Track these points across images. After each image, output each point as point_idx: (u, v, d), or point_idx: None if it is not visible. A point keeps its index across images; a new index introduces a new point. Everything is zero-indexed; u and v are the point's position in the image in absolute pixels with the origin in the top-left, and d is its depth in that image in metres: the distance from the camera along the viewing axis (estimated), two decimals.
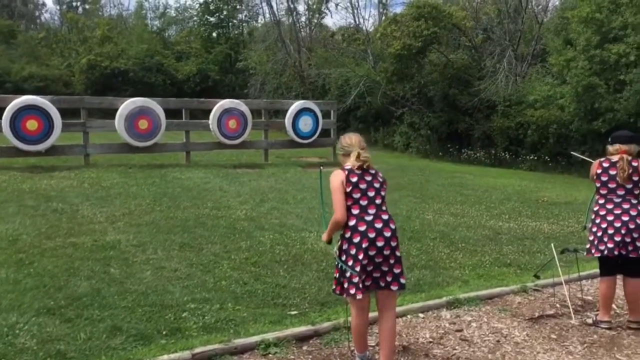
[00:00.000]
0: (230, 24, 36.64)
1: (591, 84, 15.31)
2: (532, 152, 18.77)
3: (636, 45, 14.57)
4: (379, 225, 3.50)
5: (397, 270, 3.52)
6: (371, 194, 3.55)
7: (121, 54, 31.38)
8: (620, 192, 4.50)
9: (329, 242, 3.72)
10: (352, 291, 3.49)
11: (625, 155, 4.48)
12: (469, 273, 5.91)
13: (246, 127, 15.34)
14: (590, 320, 4.66)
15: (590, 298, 5.28)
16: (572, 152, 8.22)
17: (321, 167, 4.29)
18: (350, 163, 3.63)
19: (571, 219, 9.35)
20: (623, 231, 4.44)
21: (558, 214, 9.80)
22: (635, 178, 4.46)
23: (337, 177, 3.60)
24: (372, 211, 3.53)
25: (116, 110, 13.57)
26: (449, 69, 20.67)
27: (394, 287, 3.52)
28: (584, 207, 10.72)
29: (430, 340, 4.21)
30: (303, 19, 32.84)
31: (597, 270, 4.84)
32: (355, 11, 29.85)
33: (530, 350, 4.07)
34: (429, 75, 21.22)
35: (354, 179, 3.56)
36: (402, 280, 3.56)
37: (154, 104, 14.03)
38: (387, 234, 3.50)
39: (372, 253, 3.48)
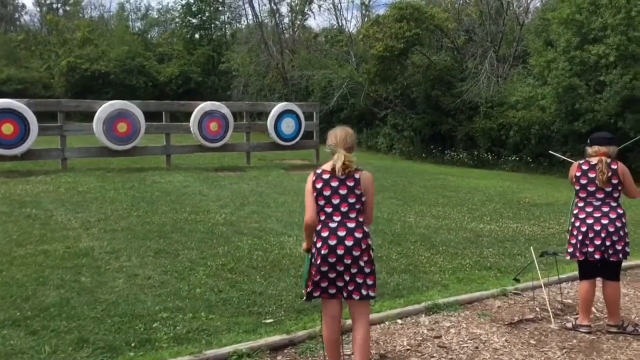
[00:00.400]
0: (212, 25, 36.40)
1: (572, 85, 15.39)
2: (514, 153, 18.84)
3: (615, 46, 14.67)
4: (342, 233, 3.39)
5: (359, 280, 3.40)
6: (336, 201, 3.41)
7: (102, 56, 31.02)
8: (600, 196, 4.45)
9: (308, 251, 3.60)
10: (309, 289, 3.46)
11: (604, 158, 4.43)
12: (449, 277, 5.83)
13: (228, 130, 15.19)
14: (570, 325, 4.60)
15: (570, 301, 5.23)
16: (551, 152, 8.18)
17: None
18: (326, 166, 3.50)
19: (552, 221, 9.34)
20: (603, 235, 4.40)
21: (539, 216, 9.80)
22: (615, 181, 4.41)
23: (309, 180, 3.52)
24: (337, 219, 3.42)
25: (95, 113, 13.36)
26: (431, 70, 20.68)
27: (356, 297, 3.41)
28: (565, 208, 10.74)
29: (408, 348, 4.12)
30: (286, 20, 32.79)
31: (577, 273, 4.79)
32: (339, 13, 29.75)
33: (509, 356, 4.00)
34: (412, 77, 21.23)
35: (319, 186, 3.45)
36: (364, 292, 3.40)
37: (133, 107, 13.82)
38: (349, 242, 3.38)
39: (332, 260, 3.39)
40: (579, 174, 4.52)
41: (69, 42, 33.44)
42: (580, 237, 4.49)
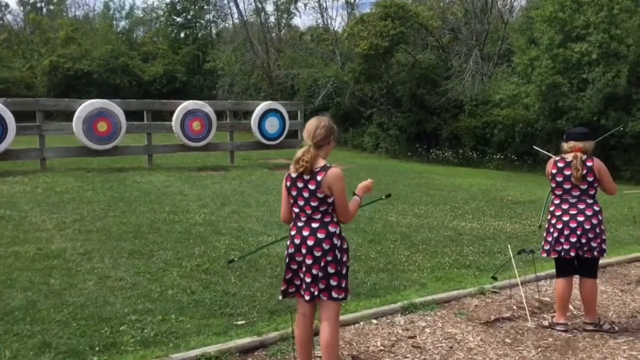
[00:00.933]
0: (197, 24, 36.13)
1: (555, 82, 15.41)
2: (499, 151, 18.86)
3: (598, 43, 14.71)
4: (306, 232, 3.33)
5: (322, 282, 3.31)
6: (301, 202, 3.33)
7: (85, 55, 30.63)
8: (576, 193, 4.40)
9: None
10: (282, 287, 3.44)
11: (579, 154, 4.37)
12: (427, 276, 5.76)
13: (211, 129, 15.05)
14: (546, 323, 4.55)
15: (547, 299, 5.18)
16: (535, 147, 8.17)
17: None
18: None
19: (533, 218, 9.31)
20: (579, 232, 4.35)
21: (521, 213, 9.78)
22: (590, 178, 4.35)
23: (284, 177, 3.44)
24: (303, 219, 3.36)
25: (74, 112, 13.16)
26: (416, 69, 20.65)
27: (323, 297, 3.33)
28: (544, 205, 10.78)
29: (382, 348, 4.04)
30: (272, 19, 32.65)
31: (555, 271, 4.74)
32: (324, 12, 29.62)
33: (483, 356, 3.93)
34: (397, 75, 21.18)
35: (288, 184, 3.39)
36: (328, 293, 3.31)
37: (113, 106, 13.65)
38: (311, 242, 3.30)
39: (298, 259, 3.35)
40: (554, 171, 4.46)
41: (51, 41, 33.02)
42: (555, 234, 4.43)
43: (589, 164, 4.33)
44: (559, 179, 4.43)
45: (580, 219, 4.36)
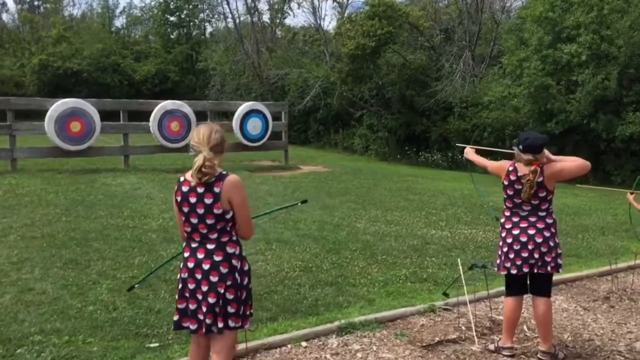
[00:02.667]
0: (191, 23, 35.78)
1: (544, 84, 14.99)
2: (489, 154, 18.39)
3: (587, 44, 14.29)
4: (200, 255, 2.92)
5: (217, 309, 2.90)
6: (194, 220, 2.91)
7: (75, 54, 30.30)
8: (527, 208, 4.01)
9: None
10: (175, 317, 3.02)
11: (533, 174, 3.92)
12: (378, 290, 5.37)
13: (190, 130, 14.67)
14: (492, 346, 4.15)
15: (501, 318, 4.77)
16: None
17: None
18: (189, 173, 2.99)
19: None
20: (530, 246, 3.95)
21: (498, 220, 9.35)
22: (542, 194, 3.95)
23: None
24: (197, 239, 2.95)
25: (47, 112, 12.81)
26: (406, 69, 20.23)
27: (214, 330, 2.92)
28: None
29: None
30: (265, 18, 32.26)
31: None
32: (317, 12, 29.19)
33: None
34: (387, 76, 20.76)
35: (179, 198, 2.95)
36: (224, 323, 2.92)
37: (87, 105, 13.30)
38: (206, 266, 2.90)
39: (191, 286, 2.92)
40: (506, 183, 4.05)
41: (43, 40, 32.71)
42: (505, 249, 4.04)
43: (539, 179, 3.91)
44: (510, 192, 4.03)
45: (532, 232, 3.97)
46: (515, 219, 4.06)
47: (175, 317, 3.02)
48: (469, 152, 4.55)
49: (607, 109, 14.66)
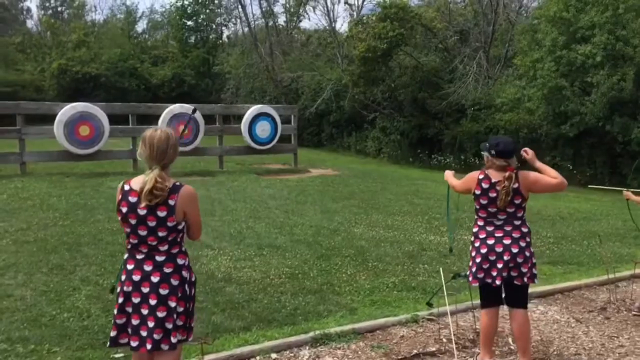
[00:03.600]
0: (208, 27, 35.99)
1: (558, 85, 14.64)
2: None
3: (602, 45, 13.90)
4: (148, 267, 2.81)
5: (167, 327, 2.79)
6: (143, 232, 2.79)
7: (94, 58, 30.69)
8: (502, 216, 3.83)
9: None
10: (113, 333, 2.92)
11: (508, 181, 3.75)
12: (363, 299, 5.22)
13: (198, 133, 14.70)
14: None
15: None
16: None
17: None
18: (135, 181, 2.87)
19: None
20: (506, 257, 3.78)
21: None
22: (517, 201, 3.78)
23: (117, 196, 2.89)
24: (144, 250, 2.83)
25: (56, 116, 12.93)
26: (419, 71, 19.98)
27: (164, 347, 2.81)
28: (536, 217, 10.10)
29: None
30: (281, 21, 32.30)
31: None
32: (331, 14, 29.05)
33: None
34: (399, 79, 20.53)
35: (124, 209, 2.81)
36: (173, 339, 2.81)
37: (96, 109, 13.40)
38: (155, 279, 2.79)
39: (136, 300, 2.80)
40: (478, 192, 3.87)
41: (63, 45, 33.21)
42: (478, 260, 3.87)
43: (514, 186, 3.74)
44: (484, 201, 3.85)
45: (507, 241, 3.80)
46: (489, 228, 3.89)
47: (113, 333, 2.89)
48: (448, 176, 4.38)
49: (623, 111, 14.25)
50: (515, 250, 3.77)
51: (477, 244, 3.91)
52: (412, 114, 20.23)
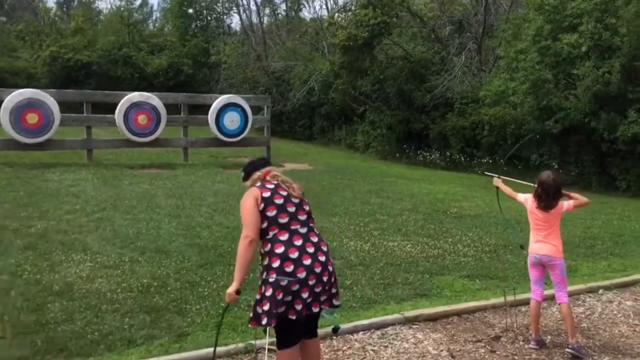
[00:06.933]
0: (207, 16, 35.26)
1: (541, 78, 13.58)
2: (489, 154, 17.04)
3: (589, 34, 12.79)
4: None
5: None
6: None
7: (87, 45, 30.15)
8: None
9: None
10: None
11: None
12: (207, 322, 4.43)
13: (159, 123, 14.01)
14: None
15: None
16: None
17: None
18: None
19: (455, 237, 7.78)
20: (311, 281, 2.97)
21: (447, 231, 8.24)
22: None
23: None
24: None
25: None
26: (406, 62, 18.97)
27: None
28: (489, 221, 9.18)
29: None
30: (281, 10, 31.49)
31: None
32: (329, 3, 28.08)
33: None
34: (387, 70, 19.54)
35: None
36: None
37: (45, 96, 12.76)
38: None
39: None
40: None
41: (61, 32, 32.79)
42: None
43: None
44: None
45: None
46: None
47: None
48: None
49: (609, 106, 13.13)
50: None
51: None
52: (399, 107, 19.26)
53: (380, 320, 4.57)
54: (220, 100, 14.95)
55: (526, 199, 4.48)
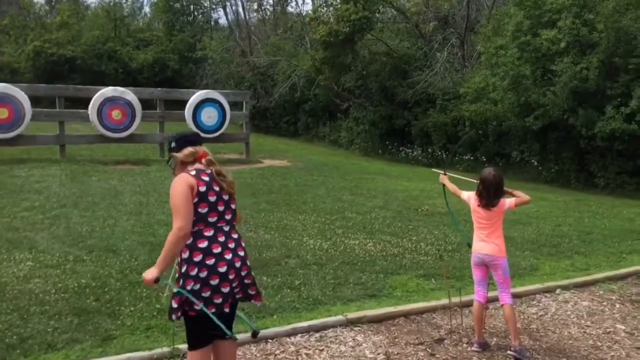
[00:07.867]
0: (194, 11, 34.96)
1: (520, 74, 13.44)
2: (471, 151, 16.90)
3: (567, 29, 12.65)
4: None
5: None
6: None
7: (71, 40, 29.83)
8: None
9: None
10: None
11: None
12: (138, 324, 4.25)
13: (134, 119, 13.80)
14: None
15: None
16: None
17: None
18: None
19: (420, 235, 7.63)
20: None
21: (413, 228, 8.08)
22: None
23: None
24: None
25: None
26: (389, 58, 18.80)
27: None
28: (458, 218, 9.04)
29: None
30: (268, 5, 31.18)
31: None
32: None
33: None
34: (370, 66, 19.36)
35: None
36: None
37: (16, 91, 12.54)
38: None
39: None
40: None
41: (46, 27, 32.43)
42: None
43: None
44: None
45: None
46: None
47: None
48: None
49: (588, 102, 13.01)
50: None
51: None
52: (382, 103, 19.09)
53: (320, 323, 4.41)
54: (198, 95, 14.75)
55: (469, 197, 4.33)
